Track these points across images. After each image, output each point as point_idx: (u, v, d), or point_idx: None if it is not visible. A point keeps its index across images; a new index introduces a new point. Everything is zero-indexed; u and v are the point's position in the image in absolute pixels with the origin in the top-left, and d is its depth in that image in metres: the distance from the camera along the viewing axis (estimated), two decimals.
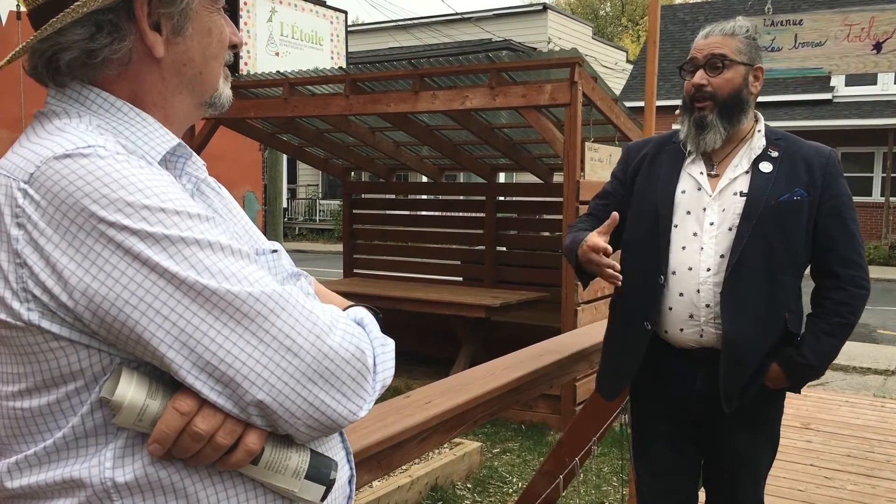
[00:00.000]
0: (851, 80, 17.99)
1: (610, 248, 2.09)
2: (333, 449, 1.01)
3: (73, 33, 0.91)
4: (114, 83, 0.95)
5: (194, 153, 1.02)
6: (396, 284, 7.59)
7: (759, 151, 2.16)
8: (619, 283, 2.07)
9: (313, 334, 0.88)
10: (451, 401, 1.82)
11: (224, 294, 0.84)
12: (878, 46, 3.26)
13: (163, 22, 0.95)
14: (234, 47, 1.05)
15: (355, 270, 8.62)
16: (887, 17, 3.26)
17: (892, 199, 17.54)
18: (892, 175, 17.61)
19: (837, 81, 18.27)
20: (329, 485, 0.93)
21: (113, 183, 0.83)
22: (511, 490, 4.36)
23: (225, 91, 1.05)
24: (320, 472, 0.92)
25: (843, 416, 5.17)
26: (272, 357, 0.85)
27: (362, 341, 0.93)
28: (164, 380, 0.87)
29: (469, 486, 4.38)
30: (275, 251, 1.04)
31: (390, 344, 1.00)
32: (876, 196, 18.05)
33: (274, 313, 0.86)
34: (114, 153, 0.86)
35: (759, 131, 2.20)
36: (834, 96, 18.61)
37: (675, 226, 2.17)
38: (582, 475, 2.90)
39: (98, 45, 0.91)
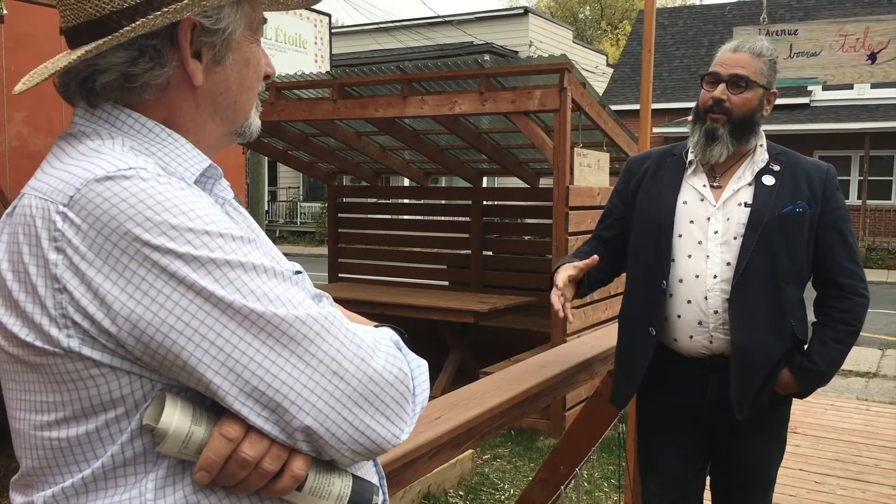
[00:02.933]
0: (828, 85, 18.22)
1: (568, 293, 2.20)
2: (368, 473, 1.00)
3: (114, 56, 0.89)
4: (148, 107, 0.93)
5: (223, 176, 1.00)
6: (383, 289, 7.56)
7: (761, 165, 2.21)
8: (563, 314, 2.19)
9: (358, 357, 0.86)
10: (460, 416, 1.80)
11: (270, 318, 0.82)
12: (872, 56, 3.29)
13: (204, 51, 0.93)
14: (267, 78, 1.04)
15: (340, 275, 8.57)
16: (881, 28, 3.30)
17: (868, 201, 17.78)
18: (869, 178, 17.86)
19: (815, 86, 18.49)
20: None
21: (157, 206, 0.81)
22: (503, 497, 4.35)
23: (255, 121, 1.04)
24: (363, 497, 0.91)
25: (830, 419, 5.22)
26: (319, 381, 0.84)
27: (403, 363, 0.92)
28: (206, 405, 0.85)
29: (461, 493, 4.36)
30: (298, 272, 1.02)
31: (424, 365, 0.98)
32: (853, 199, 18.29)
33: (320, 336, 0.84)
34: (156, 175, 0.84)
35: (761, 146, 2.25)
36: (811, 101, 18.85)
37: (680, 235, 2.21)
38: (573, 481, 2.89)
39: (139, 70, 0.90)
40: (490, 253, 7.97)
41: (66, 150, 0.90)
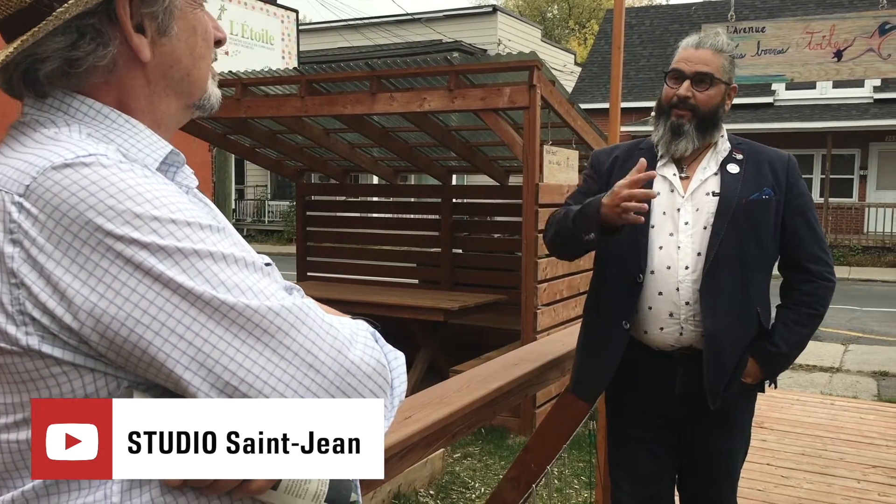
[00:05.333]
0: (792, 84, 18.53)
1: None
2: None
3: (52, 42, 0.84)
4: (99, 90, 0.88)
5: (186, 162, 0.96)
6: (352, 288, 7.51)
7: (724, 154, 2.25)
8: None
9: (334, 349, 0.83)
10: (431, 415, 1.78)
11: (242, 309, 0.79)
12: (838, 54, 3.35)
13: (146, 23, 0.88)
14: (219, 43, 0.99)
15: (309, 273, 8.49)
16: (847, 26, 3.35)
17: (831, 199, 18.10)
18: (831, 176, 18.18)
19: (778, 85, 18.79)
20: None
21: (119, 193, 0.77)
22: (474, 496, 4.33)
23: (214, 91, 0.99)
24: (340, 495, 0.88)
25: (795, 414, 5.29)
26: (294, 374, 0.80)
27: (381, 355, 0.89)
28: None
29: (432, 492, 4.34)
30: (268, 264, 0.99)
31: (401, 357, 0.95)
32: (815, 197, 18.61)
33: (294, 328, 0.81)
34: (117, 162, 0.80)
35: (722, 136, 2.30)
36: (775, 100, 19.14)
37: (653, 226, 2.21)
38: (544, 479, 2.89)
39: (81, 53, 0.85)
40: (460, 251, 7.95)
41: (19, 139, 0.85)
